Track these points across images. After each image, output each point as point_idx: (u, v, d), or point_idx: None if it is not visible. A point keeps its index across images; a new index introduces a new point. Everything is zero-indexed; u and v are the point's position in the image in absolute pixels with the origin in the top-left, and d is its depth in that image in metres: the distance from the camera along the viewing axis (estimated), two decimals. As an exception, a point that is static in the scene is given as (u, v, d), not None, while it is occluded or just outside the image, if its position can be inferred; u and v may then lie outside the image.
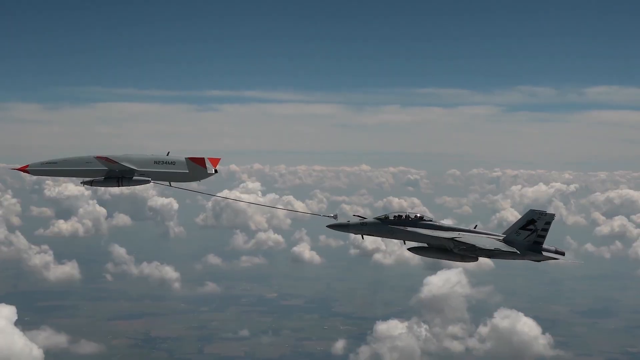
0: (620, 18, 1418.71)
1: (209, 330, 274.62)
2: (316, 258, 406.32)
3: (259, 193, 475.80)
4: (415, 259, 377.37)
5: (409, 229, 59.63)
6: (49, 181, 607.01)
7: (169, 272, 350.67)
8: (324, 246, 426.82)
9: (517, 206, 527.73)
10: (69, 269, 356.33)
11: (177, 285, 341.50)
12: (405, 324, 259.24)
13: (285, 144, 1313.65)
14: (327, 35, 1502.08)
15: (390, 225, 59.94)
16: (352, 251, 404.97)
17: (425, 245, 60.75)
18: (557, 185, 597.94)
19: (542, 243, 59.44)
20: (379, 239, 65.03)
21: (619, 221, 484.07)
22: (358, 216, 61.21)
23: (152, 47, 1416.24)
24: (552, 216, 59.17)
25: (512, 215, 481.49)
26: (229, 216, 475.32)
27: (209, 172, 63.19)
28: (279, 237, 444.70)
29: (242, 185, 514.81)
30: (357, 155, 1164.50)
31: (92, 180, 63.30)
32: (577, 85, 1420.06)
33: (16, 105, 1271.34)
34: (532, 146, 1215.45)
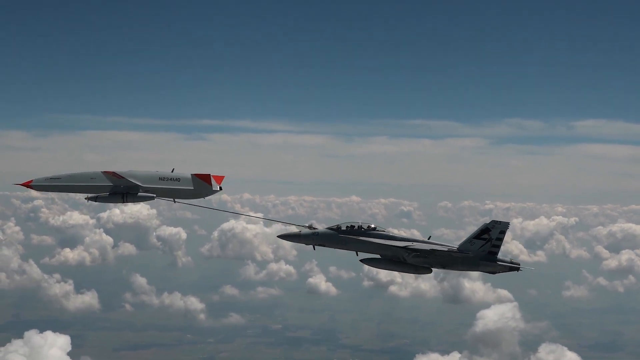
0: (608, 52, 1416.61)
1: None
2: (332, 290, 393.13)
3: (262, 223, 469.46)
4: (432, 291, 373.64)
5: (362, 238, 57.45)
6: (44, 209, 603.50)
7: (194, 303, 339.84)
8: (334, 277, 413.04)
9: (519, 239, 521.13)
10: (89, 299, 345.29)
11: (202, 316, 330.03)
12: (446, 357, 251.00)
13: (273, 173, 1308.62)
14: (317, 66, 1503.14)
15: (342, 235, 57.82)
16: (366, 283, 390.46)
17: (378, 256, 58.59)
18: (559, 218, 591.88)
19: (497, 253, 56.97)
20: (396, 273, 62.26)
21: (626, 255, 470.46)
22: (309, 226, 58.75)
23: (142, 76, 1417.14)
24: (507, 224, 56.31)
25: (517, 248, 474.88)
26: (234, 246, 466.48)
27: (214, 189, 61.65)
28: (291, 269, 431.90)
29: (243, 216, 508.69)
30: (345, 186, 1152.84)
31: (97, 196, 61.42)
32: (566, 119, 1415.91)
33: (4, 132, 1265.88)
34: (521, 179, 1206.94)
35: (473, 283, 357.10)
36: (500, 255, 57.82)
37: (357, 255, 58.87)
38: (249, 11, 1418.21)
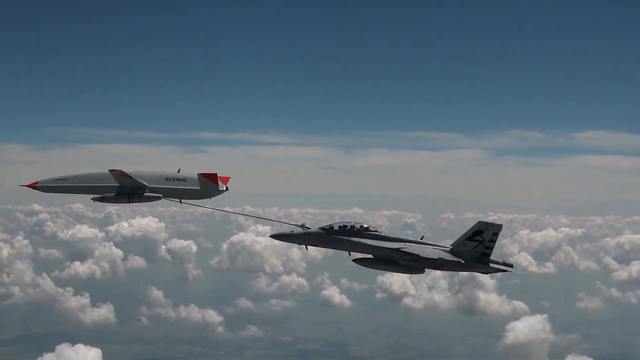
0: (609, 63, 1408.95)
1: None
2: (346, 302, 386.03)
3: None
4: (446, 303, 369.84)
5: (354, 239, 56.89)
6: (49, 222, 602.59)
7: (212, 316, 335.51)
8: (346, 289, 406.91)
9: (526, 250, 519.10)
10: (105, 312, 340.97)
11: (220, 329, 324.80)
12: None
13: (274, 186, 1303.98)
14: (316, 79, 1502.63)
15: (334, 236, 57.37)
16: (379, 295, 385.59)
17: (371, 256, 57.96)
18: (566, 230, 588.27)
19: (489, 254, 56.45)
20: (406, 279, 61.42)
21: (636, 266, 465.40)
22: (302, 226, 58.36)
23: (142, 89, 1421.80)
24: (500, 227, 55.90)
25: (526, 260, 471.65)
26: (244, 259, 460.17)
27: (220, 189, 61.10)
28: (303, 281, 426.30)
29: (252, 228, 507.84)
30: (346, 198, 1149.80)
31: (103, 197, 60.73)
32: (567, 130, 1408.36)
33: (3, 146, 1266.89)
34: (521, 190, 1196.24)
35: (488, 295, 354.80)
36: (493, 257, 57.09)
37: (350, 255, 58.18)
38: (248, 25, 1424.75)
